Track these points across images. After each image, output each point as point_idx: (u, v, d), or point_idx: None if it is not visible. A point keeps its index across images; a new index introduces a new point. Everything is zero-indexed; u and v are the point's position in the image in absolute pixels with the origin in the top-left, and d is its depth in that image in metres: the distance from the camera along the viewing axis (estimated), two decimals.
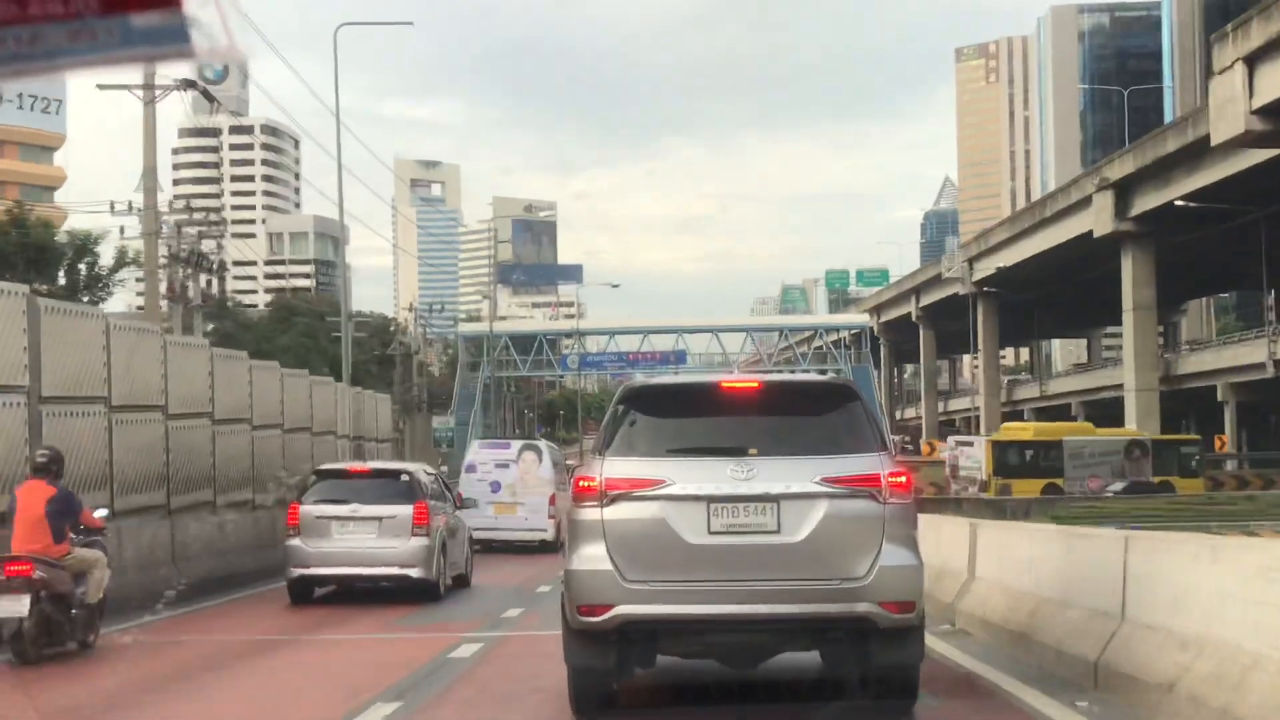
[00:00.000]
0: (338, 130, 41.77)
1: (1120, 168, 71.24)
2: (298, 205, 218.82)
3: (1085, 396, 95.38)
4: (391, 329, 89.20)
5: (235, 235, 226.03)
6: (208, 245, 48.22)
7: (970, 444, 54.67)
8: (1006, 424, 60.21)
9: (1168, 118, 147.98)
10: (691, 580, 8.70)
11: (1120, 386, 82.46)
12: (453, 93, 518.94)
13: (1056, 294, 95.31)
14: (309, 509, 18.68)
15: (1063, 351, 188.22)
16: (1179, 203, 63.06)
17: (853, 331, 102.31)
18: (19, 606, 12.56)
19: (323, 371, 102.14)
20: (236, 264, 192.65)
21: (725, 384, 9.59)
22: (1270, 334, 67.52)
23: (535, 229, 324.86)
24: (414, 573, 18.48)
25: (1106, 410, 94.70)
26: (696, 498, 8.70)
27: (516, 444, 29.97)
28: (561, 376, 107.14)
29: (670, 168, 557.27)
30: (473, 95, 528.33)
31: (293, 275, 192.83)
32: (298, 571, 18.53)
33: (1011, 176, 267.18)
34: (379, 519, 18.47)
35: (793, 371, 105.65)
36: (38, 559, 13.09)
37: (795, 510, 8.70)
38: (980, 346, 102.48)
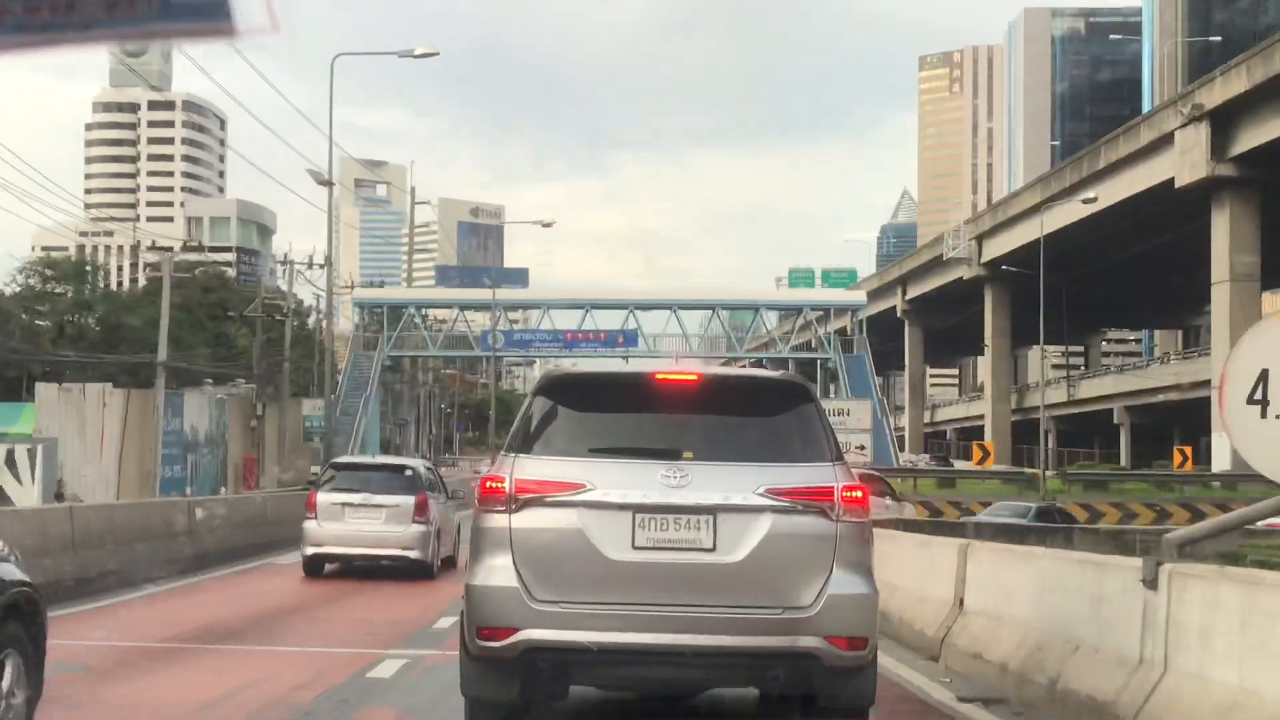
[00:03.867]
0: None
1: (1224, 89, 51.43)
2: (221, 190, 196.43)
3: (1134, 400, 75.08)
4: (262, 292, 68.30)
5: (151, 219, 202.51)
6: None
7: None
8: None
9: None
10: (610, 603, 7.01)
11: (1193, 386, 63.06)
12: (404, 103, 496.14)
13: (1089, 278, 75.30)
14: (325, 496, 20.28)
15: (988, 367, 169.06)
16: None
17: (846, 315, 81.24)
18: None
19: (198, 348, 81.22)
20: (150, 249, 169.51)
21: (660, 376, 7.59)
22: None
23: (481, 233, 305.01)
24: (413, 554, 19.99)
25: (1158, 417, 75.18)
26: (620, 506, 7.04)
27: None
28: (481, 358, 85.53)
29: (621, 182, 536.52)
30: (424, 106, 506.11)
31: (213, 264, 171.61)
32: (312, 550, 20.14)
33: (973, 190, 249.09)
34: (386, 507, 19.94)
35: (761, 364, 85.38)
36: None
37: (734, 525, 7.03)
38: (989, 341, 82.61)
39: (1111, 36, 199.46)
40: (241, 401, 57.82)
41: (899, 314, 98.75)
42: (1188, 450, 48.42)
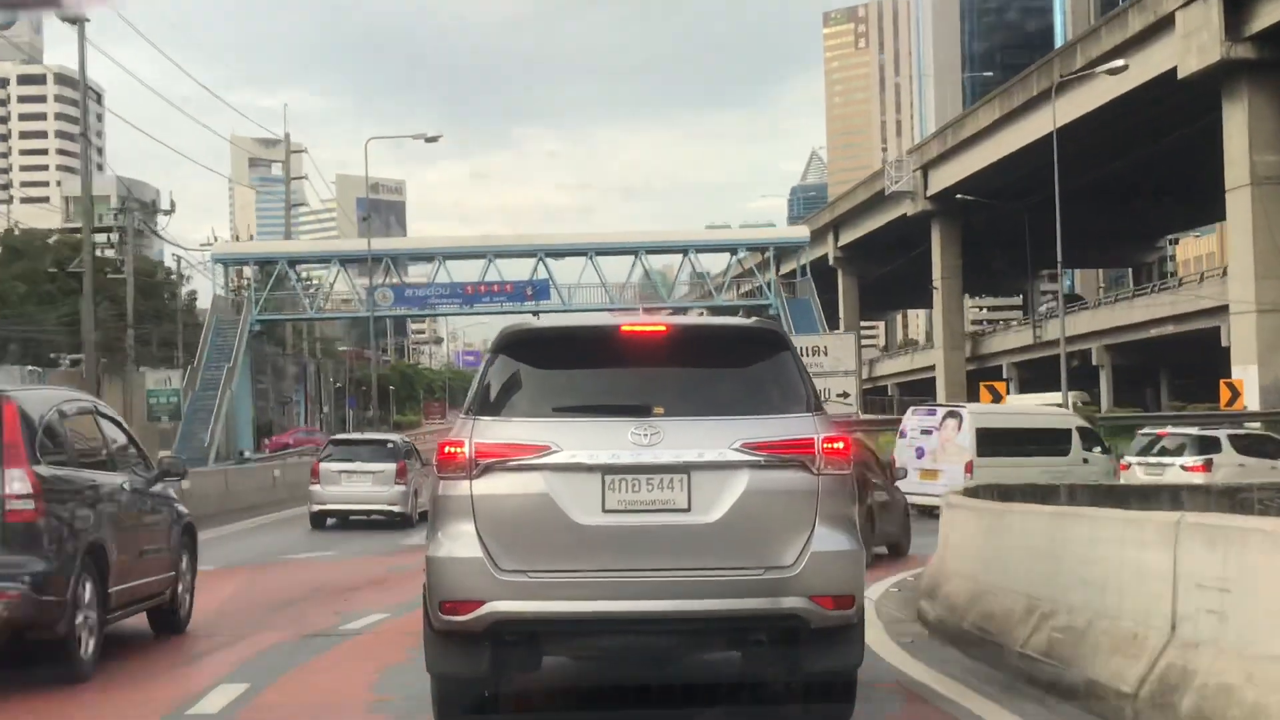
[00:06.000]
0: None
1: None
2: (100, 167, 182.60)
3: (1117, 337, 65.76)
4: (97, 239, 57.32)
5: (25, 200, 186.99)
6: None
7: None
8: None
9: None
10: (581, 570, 6.52)
11: (1199, 315, 54.04)
12: (303, 83, 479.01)
13: (1036, 211, 65.88)
14: (327, 465, 24.67)
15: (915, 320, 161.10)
16: None
17: (787, 259, 71.07)
18: None
19: (50, 324, 69.97)
20: (27, 232, 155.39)
21: (626, 328, 7.05)
22: None
23: (383, 210, 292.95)
24: (396, 509, 24.27)
25: (1141, 357, 66.26)
26: (589, 468, 6.56)
27: (941, 410, 27.21)
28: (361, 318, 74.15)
29: (527, 158, 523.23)
30: (323, 85, 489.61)
31: (107, 246, 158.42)
32: (317, 507, 24.54)
33: (884, 149, 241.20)
34: (373, 472, 24.36)
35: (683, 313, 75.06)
36: None
37: (710, 483, 6.55)
38: (937, 283, 73.24)
39: None
40: (71, 377, 47.04)
41: (831, 262, 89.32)
42: (1238, 384, 39.05)
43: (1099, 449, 24.94)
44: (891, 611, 11.41)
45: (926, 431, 25.36)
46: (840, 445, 6.62)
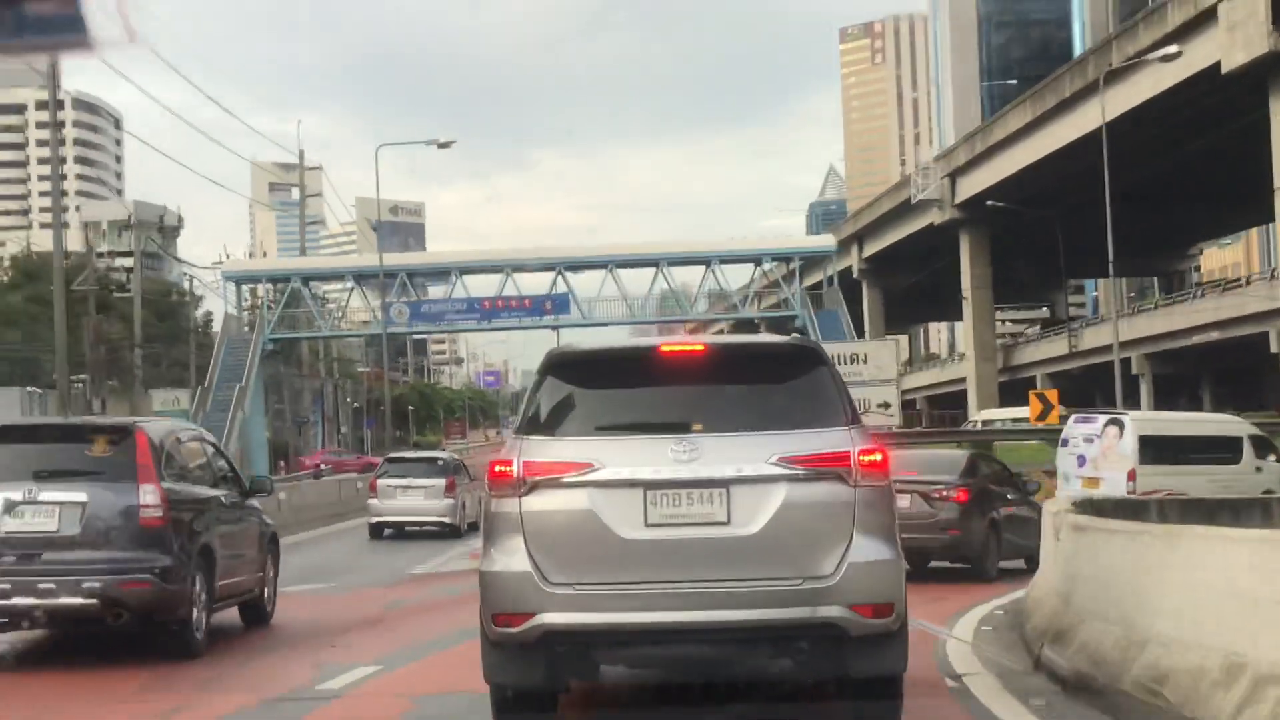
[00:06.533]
0: None
1: None
2: (119, 193, 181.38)
3: (1159, 345, 63.04)
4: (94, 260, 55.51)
5: (45, 225, 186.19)
6: None
7: None
8: None
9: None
10: (626, 582, 6.69)
11: (1246, 319, 51.44)
12: (319, 109, 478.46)
13: (1062, 220, 63.25)
14: (383, 481, 27.28)
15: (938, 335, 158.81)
16: None
17: (814, 269, 68.73)
18: None
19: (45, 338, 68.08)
20: (41, 255, 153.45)
21: (665, 348, 7.32)
22: None
23: (403, 231, 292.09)
24: (446, 519, 26.77)
25: (1182, 366, 63.66)
26: (631, 483, 6.73)
27: (1102, 418, 25.50)
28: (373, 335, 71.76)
29: (542, 179, 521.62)
30: (340, 111, 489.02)
31: (113, 270, 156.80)
32: (375, 519, 27.05)
33: (901, 162, 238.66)
34: (425, 487, 26.90)
35: (723, 329, 73.12)
36: None
37: (748, 496, 6.71)
38: (967, 294, 70.82)
39: None
40: (75, 397, 45.15)
41: (855, 274, 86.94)
42: None
43: (1274, 457, 22.66)
44: (999, 659, 9.14)
45: (1089, 440, 23.90)
46: (877, 457, 6.66)
